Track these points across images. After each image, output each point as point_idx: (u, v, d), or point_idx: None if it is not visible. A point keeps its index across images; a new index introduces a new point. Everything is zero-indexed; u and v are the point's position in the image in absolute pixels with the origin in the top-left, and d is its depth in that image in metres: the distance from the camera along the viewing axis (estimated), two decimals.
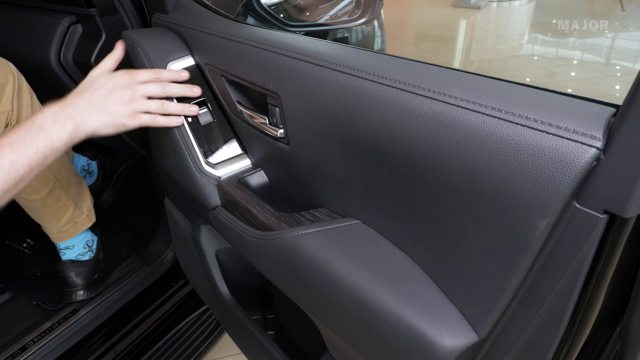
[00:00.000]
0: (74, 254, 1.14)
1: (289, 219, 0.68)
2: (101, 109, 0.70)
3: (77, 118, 0.68)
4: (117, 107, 0.71)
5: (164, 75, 0.78)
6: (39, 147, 0.64)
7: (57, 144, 0.66)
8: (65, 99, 0.70)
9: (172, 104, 0.78)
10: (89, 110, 0.69)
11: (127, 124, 0.72)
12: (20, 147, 0.63)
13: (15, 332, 1.09)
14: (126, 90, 0.72)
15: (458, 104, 0.44)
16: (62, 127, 0.66)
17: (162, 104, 0.76)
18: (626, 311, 0.46)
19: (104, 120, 0.70)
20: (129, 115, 0.72)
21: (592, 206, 0.37)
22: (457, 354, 0.46)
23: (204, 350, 1.34)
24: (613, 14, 5.51)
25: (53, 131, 0.66)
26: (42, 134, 0.65)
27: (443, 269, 0.50)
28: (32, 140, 0.64)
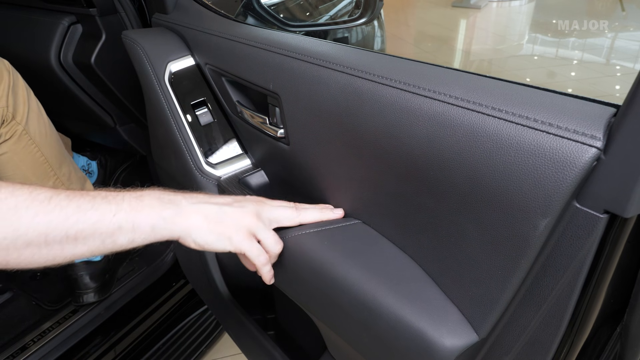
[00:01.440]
0: None
1: None
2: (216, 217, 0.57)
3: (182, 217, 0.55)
4: (237, 219, 0.58)
5: (302, 205, 0.65)
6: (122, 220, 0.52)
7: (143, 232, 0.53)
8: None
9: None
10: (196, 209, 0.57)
11: (236, 242, 0.57)
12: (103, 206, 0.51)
13: (15, 332, 1.09)
14: (256, 203, 0.61)
15: (458, 104, 0.44)
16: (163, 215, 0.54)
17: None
18: (626, 311, 0.46)
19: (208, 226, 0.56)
20: (240, 235, 0.58)
21: (592, 206, 0.37)
22: (458, 353, 0.46)
23: (204, 350, 1.34)
24: (613, 14, 5.51)
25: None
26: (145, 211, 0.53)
27: (443, 269, 0.50)
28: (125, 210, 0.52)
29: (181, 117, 0.83)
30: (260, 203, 0.62)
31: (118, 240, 0.52)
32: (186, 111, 0.83)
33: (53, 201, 0.49)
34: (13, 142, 1.00)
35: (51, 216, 0.48)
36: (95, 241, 0.51)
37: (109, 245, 0.52)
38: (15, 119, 0.99)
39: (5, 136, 0.99)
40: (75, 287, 1.13)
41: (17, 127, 1.00)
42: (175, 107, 0.83)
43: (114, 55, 1.04)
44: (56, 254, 0.49)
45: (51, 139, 1.09)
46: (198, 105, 0.85)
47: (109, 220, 0.51)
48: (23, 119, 1.01)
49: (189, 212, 0.56)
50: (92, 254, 0.52)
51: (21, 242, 0.47)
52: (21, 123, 1.01)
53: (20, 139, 1.01)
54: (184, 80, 0.85)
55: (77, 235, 0.49)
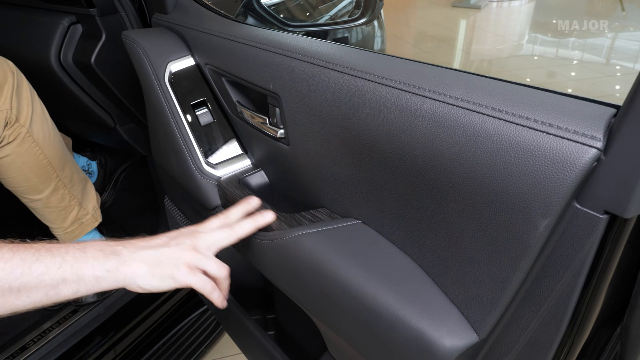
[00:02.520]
0: None
1: (289, 219, 0.68)
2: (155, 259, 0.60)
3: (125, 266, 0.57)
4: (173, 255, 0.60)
5: (233, 216, 0.67)
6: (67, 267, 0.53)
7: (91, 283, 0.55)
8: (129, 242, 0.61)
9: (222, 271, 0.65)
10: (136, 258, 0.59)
11: (179, 277, 0.60)
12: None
13: (15, 332, 1.09)
14: (190, 237, 0.63)
15: (458, 105, 0.44)
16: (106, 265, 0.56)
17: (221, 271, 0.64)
18: (626, 311, 0.46)
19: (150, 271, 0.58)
20: (182, 269, 0.60)
21: (592, 207, 0.37)
22: (458, 354, 0.46)
23: (204, 350, 1.34)
24: (613, 14, 5.51)
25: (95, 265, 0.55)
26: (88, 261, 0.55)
27: (443, 269, 0.50)
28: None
29: (181, 117, 0.83)
30: (194, 234, 0.63)
31: (62, 292, 0.53)
32: (186, 111, 0.83)
33: (0, 250, 0.50)
34: (16, 145, 1.00)
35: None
36: (39, 293, 0.52)
37: (52, 297, 0.53)
38: (19, 121, 0.99)
39: (9, 138, 0.99)
40: None
41: (21, 129, 1.00)
42: (175, 107, 0.83)
43: (114, 55, 1.04)
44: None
45: (54, 140, 1.09)
46: (198, 105, 0.85)
47: (53, 273, 0.52)
48: (27, 121, 1.01)
49: (130, 261, 0.57)
50: (35, 307, 0.53)
51: None
52: (25, 125, 1.01)
53: (23, 141, 1.01)
54: (184, 80, 0.85)
55: (21, 287, 0.50)
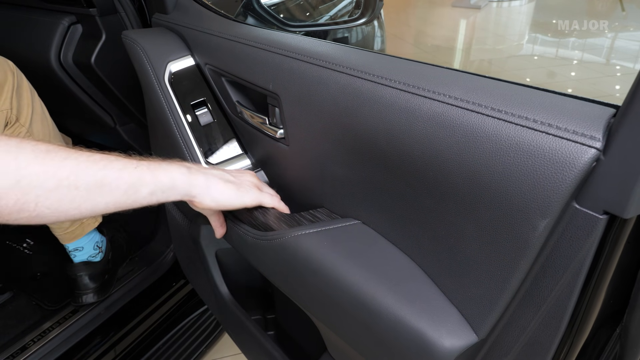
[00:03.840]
0: (85, 255, 1.14)
1: (289, 219, 0.68)
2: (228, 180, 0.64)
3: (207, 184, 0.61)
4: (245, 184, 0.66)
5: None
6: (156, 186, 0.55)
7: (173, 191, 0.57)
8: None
9: (267, 188, 0.72)
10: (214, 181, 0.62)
11: (250, 195, 0.65)
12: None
13: (15, 332, 1.09)
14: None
15: (458, 105, 0.44)
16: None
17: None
18: (626, 312, 0.46)
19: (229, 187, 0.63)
20: (253, 189, 0.66)
21: (591, 207, 0.37)
22: (457, 354, 0.46)
23: (204, 350, 1.34)
24: (613, 14, 5.51)
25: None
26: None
27: (443, 269, 0.50)
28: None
29: (181, 117, 0.83)
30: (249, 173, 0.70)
31: (140, 191, 0.54)
32: (186, 111, 0.83)
33: (81, 151, 0.51)
34: None
35: (80, 159, 0.50)
36: (119, 190, 0.52)
37: (131, 196, 0.53)
38: (19, 121, 0.99)
39: None
40: (75, 287, 1.13)
41: (21, 129, 1.00)
42: (175, 107, 0.83)
43: (114, 55, 1.04)
44: (81, 201, 0.49)
45: (54, 140, 1.09)
46: (198, 105, 0.85)
47: (131, 170, 0.53)
48: (27, 121, 1.01)
49: (201, 173, 0.60)
50: (115, 206, 0.53)
51: (52, 182, 0.47)
52: (25, 125, 1.01)
53: None
54: (183, 80, 0.85)
55: (104, 181, 0.50)
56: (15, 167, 0.45)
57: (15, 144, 0.46)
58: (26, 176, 0.45)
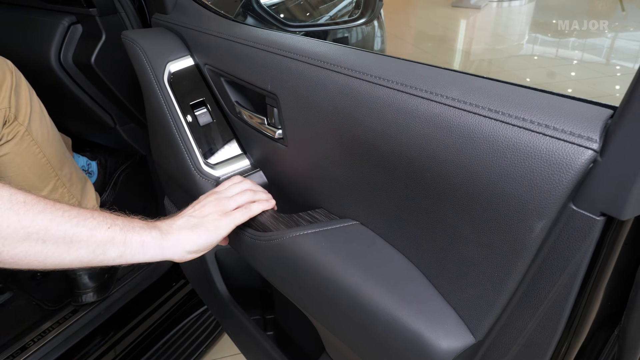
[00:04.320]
0: None
1: (287, 219, 0.68)
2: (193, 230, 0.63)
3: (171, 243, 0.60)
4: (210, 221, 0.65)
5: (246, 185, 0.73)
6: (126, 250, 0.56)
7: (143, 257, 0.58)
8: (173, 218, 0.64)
9: (260, 193, 0.71)
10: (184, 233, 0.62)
11: (222, 225, 0.64)
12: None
13: (15, 332, 1.09)
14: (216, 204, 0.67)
15: (455, 105, 0.44)
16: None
17: (252, 193, 0.70)
18: (624, 313, 0.46)
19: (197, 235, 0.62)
20: (221, 219, 0.65)
21: (588, 208, 0.37)
22: (454, 355, 0.46)
23: (204, 350, 1.34)
24: (613, 14, 5.50)
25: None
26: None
27: (440, 271, 0.50)
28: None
29: (180, 118, 0.83)
30: (214, 193, 0.69)
31: (109, 252, 0.54)
32: (185, 111, 0.84)
33: (58, 205, 0.52)
34: (15, 143, 1.00)
35: (56, 214, 0.51)
36: (88, 249, 0.53)
37: (99, 256, 0.54)
38: (17, 119, 0.99)
39: (7, 137, 0.99)
40: (75, 287, 1.13)
41: (20, 128, 1.00)
42: (175, 108, 0.83)
43: (114, 55, 1.04)
44: (47, 255, 0.50)
45: (53, 139, 1.09)
46: (197, 105, 0.85)
47: (104, 230, 0.54)
48: (25, 120, 1.01)
49: (172, 230, 0.61)
50: (80, 264, 0.54)
51: (21, 234, 0.48)
52: (23, 124, 1.01)
53: (22, 140, 1.01)
54: (183, 80, 0.85)
55: (73, 238, 0.51)
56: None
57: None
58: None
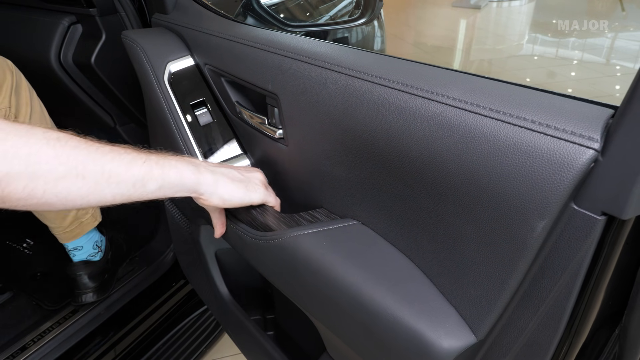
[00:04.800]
0: (85, 254, 1.14)
1: (288, 219, 0.68)
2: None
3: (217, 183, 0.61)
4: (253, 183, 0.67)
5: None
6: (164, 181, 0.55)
7: (179, 188, 0.58)
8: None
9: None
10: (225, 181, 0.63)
11: (258, 192, 0.66)
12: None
13: (15, 332, 1.09)
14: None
15: (456, 105, 0.44)
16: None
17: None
18: (625, 313, 0.46)
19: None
20: (260, 187, 0.67)
21: (590, 208, 0.37)
22: (455, 355, 0.46)
23: (204, 350, 1.34)
24: (613, 14, 5.51)
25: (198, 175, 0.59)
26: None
27: (441, 270, 0.50)
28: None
29: (180, 118, 0.83)
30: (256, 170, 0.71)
31: (148, 185, 0.54)
32: (185, 111, 0.84)
33: (90, 142, 0.51)
34: None
35: (90, 149, 0.50)
36: (127, 183, 0.52)
37: (139, 189, 0.53)
38: (17, 119, 0.99)
39: None
40: (75, 287, 1.13)
41: None
42: (175, 108, 0.83)
43: (114, 55, 1.04)
44: (89, 191, 0.49)
45: None
46: (197, 105, 0.85)
47: (140, 164, 0.53)
48: (26, 120, 1.01)
49: (209, 171, 0.61)
50: (122, 199, 0.53)
51: (61, 170, 0.47)
52: (24, 124, 1.01)
53: None
54: (183, 80, 0.85)
55: (111, 173, 0.50)
56: (26, 152, 0.44)
57: (26, 129, 0.46)
58: (36, 162, 0.45)
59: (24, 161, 0.44)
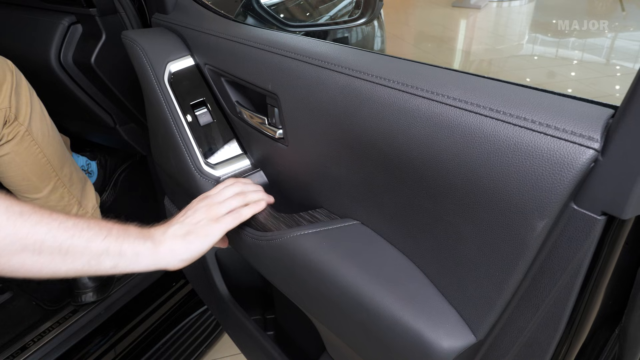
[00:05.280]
0: None
1: (288, 219, 0.68)
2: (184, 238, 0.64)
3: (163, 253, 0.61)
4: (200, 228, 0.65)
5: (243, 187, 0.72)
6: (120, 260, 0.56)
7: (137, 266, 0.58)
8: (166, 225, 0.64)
9: (252, 194, 0.71)
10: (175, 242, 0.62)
11: (213, 232, 0.65)
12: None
13: (15, 332, 1.09)
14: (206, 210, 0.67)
15: (456, 105, 0.44)
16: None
17: (243, 197, 0.69)
18: (624, 313, 0.46)
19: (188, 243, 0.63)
20: (211, 225, 0.65)
21: (590, 208, 0.37)
22: (455, 355, 0.46)
23: (204, 350, 1.34)
24: (613, 14, 5.51)
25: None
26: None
27: (441, 270, 0.50)
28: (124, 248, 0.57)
29: (180, 118, 0.83)
30: (205, 198, 0.68)
31: (103, 263, 0.56)
32: (186, 111, 0.84)
33: (54, 215, 0.52)
34: (15, 143, 1.00)
35: (52, 225, 0.51)
36: (82, 260, 0.54)
37: (93, 266, 0.55)
38: (17, 119, 0.99)
39: (8, 137, 0.99)
40: (74, 286, 1.13)
41: (20, 127, 1.00)
42: (175, 108, 0.83)
43: (114, 55, 1.04)
44: (43, 265, 0.51)
45: (53, 139, 1.10)
46: (197, 105, 0.85)
47: (99, 242, 0.55)
48: (26, 120, 1.01)
49: (164, 240, 0.61)
50: (75, 274, 0.55)
51: (18, 245, 0.49)
52: (24, 124, 1.01)
53: (22, 139, 1.01)
54: (183, 80, 0.85)
55: (69, 249, 0.52)
56: None
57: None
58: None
59: None
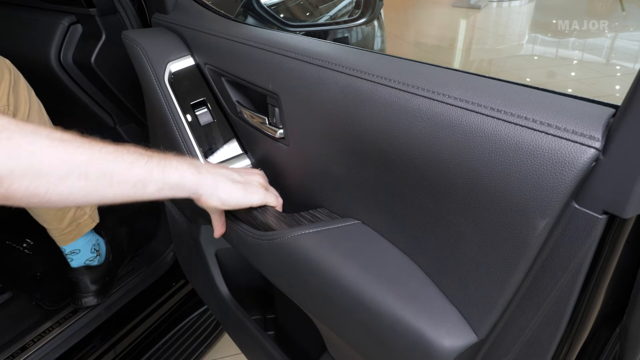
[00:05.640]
0: (82, 259, 1.13)
1: (289, 219, 0.68)
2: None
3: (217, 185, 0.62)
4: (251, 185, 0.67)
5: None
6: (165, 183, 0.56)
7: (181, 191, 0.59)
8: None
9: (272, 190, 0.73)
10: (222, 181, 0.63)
11: (258, 195, 0.67)
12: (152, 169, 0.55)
13: (15, 332, 1.09)
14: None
15: (457, 105, 0.44)
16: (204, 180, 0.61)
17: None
18: (625, 312, 0.46)
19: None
20: (260, 189, 0.67)
21: (591, 207, 0.37)
22: (457, 354, 0.46)
23: (204, 350, 1.34)
24: (613, 14, 5.51)
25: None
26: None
27: (442, 269, 0.50)
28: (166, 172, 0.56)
29: (181, 117, 0.83)
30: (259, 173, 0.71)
31: (148, 186, 0.55)
32: (186, 111, 0.84)
33: (94, 142, 0.52)
34: None
35: (93, 150, 0.51)
36: (128, 184, 0.53)
37: (139, 190, 0.54)
38: (16, 117, 0.99)
39: None
40: (76, 290, 1.12)
41: None
42: (175, 107, 0.83)
43: (114, 55, 1.04)
44: (91, 190, 0.50)
45: None
46: (198, 105, 0.85)
47: (141, 166, 0.54)
48: (24, 118, 1.01)
49: (210, 173, 0.61)
50: (123, 199, 0.54)
51: (63, 170, 0.48)
52: (29, 123, 1.00)
53: None
54: (183, 80, 0.85)
55: (113, 173, 0.52)
56: (30, 151, 0.46)
57: (31, 129, 0.47)
58: (40, 162, 0.46)
59: (27, 160, 0.45)
